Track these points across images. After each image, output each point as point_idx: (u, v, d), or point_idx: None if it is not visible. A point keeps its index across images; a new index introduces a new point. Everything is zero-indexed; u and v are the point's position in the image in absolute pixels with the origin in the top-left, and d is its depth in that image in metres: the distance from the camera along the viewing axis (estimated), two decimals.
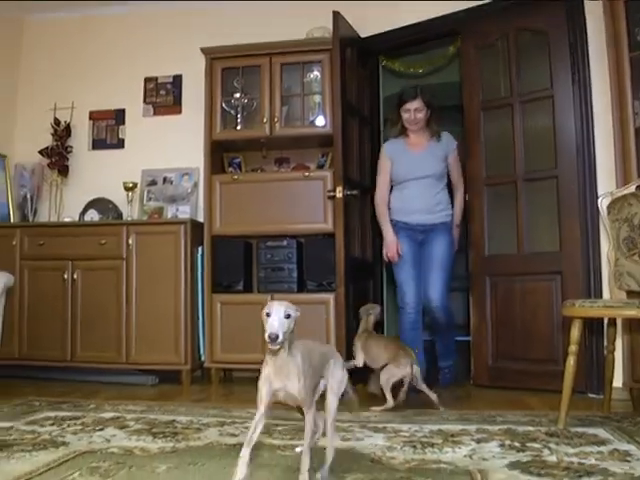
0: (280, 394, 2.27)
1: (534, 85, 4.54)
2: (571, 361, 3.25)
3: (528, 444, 2.85)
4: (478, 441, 2.93)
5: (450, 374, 4.74)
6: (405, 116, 4.52)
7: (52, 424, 3.39)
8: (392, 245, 4.50)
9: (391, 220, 4.58)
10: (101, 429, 3.26)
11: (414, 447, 2.85)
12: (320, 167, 5.19)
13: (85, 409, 3.80)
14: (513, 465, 2.52)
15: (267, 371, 2.27)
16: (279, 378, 2.25)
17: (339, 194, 4.46)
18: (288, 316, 2.13)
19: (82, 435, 3.14)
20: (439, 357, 4.75)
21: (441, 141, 4.61)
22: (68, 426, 3.34)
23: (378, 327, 4.49)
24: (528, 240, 4.53)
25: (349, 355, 4.18)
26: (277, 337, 2.07)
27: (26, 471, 2.51)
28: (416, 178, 4.49)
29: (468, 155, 4.78)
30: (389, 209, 4.61)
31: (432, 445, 2.87)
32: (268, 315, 2.11)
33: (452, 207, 4.65)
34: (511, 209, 4.60)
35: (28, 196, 5.73)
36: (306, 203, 4.88)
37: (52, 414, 3.66)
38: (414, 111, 4.48)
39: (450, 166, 4.64)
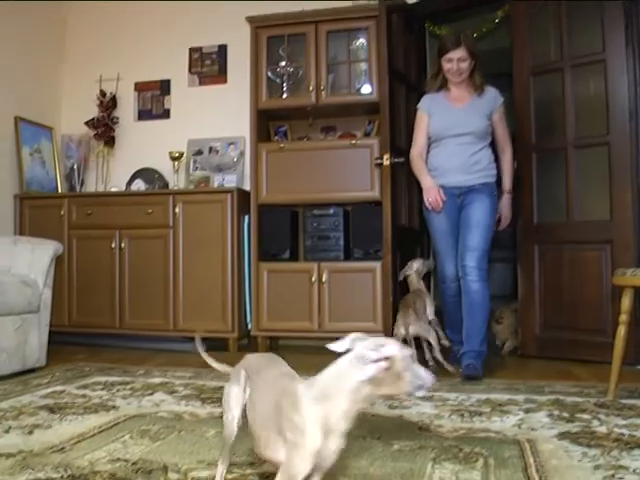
0: None
1: (586, 49, 4.41)
2: (622, 331, 3.19)
3: (577, 415, 2.82)
4: (526, 411, 2.91)
5: (477, 368, 3.84)
6: (447, 66, 4.07)
7: (102, 389, 3.46)
8: (433, 190, 4.01)
9: None
10: (150, 394, 3.31)
11: (462, 416, 2.84)
12: (367, 135, 5.14)
13: (134, 375, 3.87)
14: (562, 435, 2.50)
15: None
16: None
17: (386, 162, 4.42)
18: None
19: (132, 399, 3.19)
20: (465, 340, 4.00)
21: (486, 96, 4.14)
22: (118, 391, 3.41)
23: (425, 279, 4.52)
24: (578, 208, 4.45)
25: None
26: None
27: (78, 433, 2.58)
28: (454, 135, 4.07)
29: (517, 122, 4.69)
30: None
31: (480, 414, 2.86)
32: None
33: (496, 168, 4.21)
34: (561, 176, 4.51)
35: (75, 167, 5.80)
36: (353, 171, 4.85)
37: (102, 379, 3.73)
38: (457, 61, 4.02)
39: (495, 124, 4.17)
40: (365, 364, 1.40)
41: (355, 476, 2.02)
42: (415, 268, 4.33)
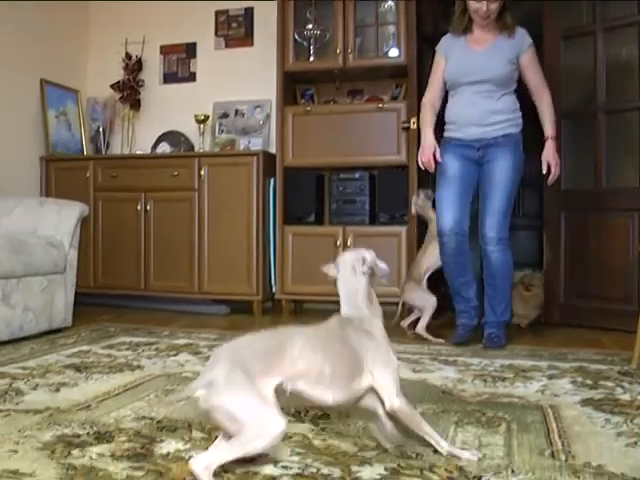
0: None
1: (619, 11, 4.33)
2: None
3: (600, 382, 2.81)
4: (549, 377, 2.91)
5: (499, 337, 3.71)
6: (475, 6, 3.60)
7: (127, 349, 3.50)
8: (428, 149, 3.70)
9: (445, 138, 3.82)
10: (175, 354, 3.35)
11: (485, 381, 2.84)
12: (394, 99, 5.09)
13: (159, 335, 3.91)
14: (585, 402, 2.49)
15: None
16: None
17: (413, 125, 4.39)
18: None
19: (156, 360, 3.23)
20: (487, 309, 3.80)
21: (514, 37, 3.68)
22: (143, 351, 3.45)
23: None
24: (606, 175, 4.39)
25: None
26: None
27: (104, 391, 2.61)
28: (470, 83, 3.66)
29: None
30: (444, 124, 3.85)
31: (503, 379, 2.87)
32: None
33: (521, 116, 3.85)
34: (589, 142, 4.45)
35: (101, 129, 5.81)
36: (379, 135, 4.80)
37: (127, 339, 3.78)
38: (487, 1, 3.58)
39: (525, 69, 3.70)
40: (359, 272, 1.96)
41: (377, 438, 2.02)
42: (420, 200, 4.26)
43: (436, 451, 1.90)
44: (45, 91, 5.53)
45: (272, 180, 5.05)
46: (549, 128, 3.78)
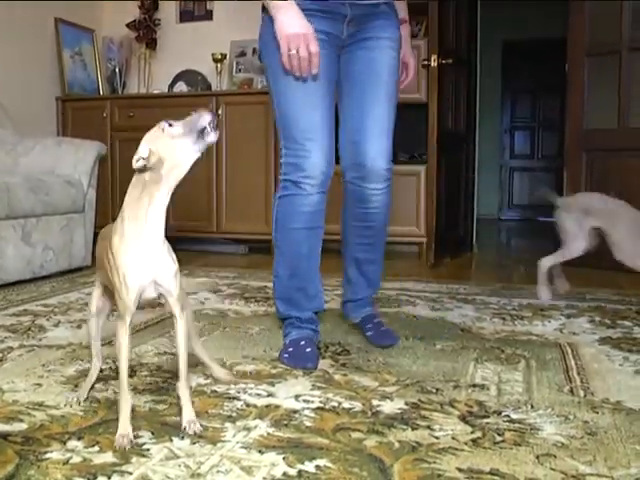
0: None
1: None
2: None
3: (618, 322, 2.81)
4: (568, 316, 2.91)
5: (384, 324, 2.51)
6: None
7: None
8: (306, 34, 2.08)
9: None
10: (194, 292, 3.37)
11: (503, 319, 2.85)
12: (414, 36, 4.98)
13: None
14: (603, 340, 2.49)
15: None
16: None
17: (434, 63, 4.31)
18: None
19: None
20: (355, 284, 2.56)
21: None
22: None
23: None
24: (630, 114, 4.31)
25: None
26: None
27: None
28: None
29: (569, 23, 4.50)
30: None
31: (521, 318, 2.87)
32: None
33: None
34: (613, 80, 4.36)
35: (117, 69, 5.75)
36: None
37: None
38: None
39: None
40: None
41: (398, 373, 2.04)
42: None
43: (456, 386, 1.91)
44: (60, 31, 5.46)
45: None
46: (404, 7, 2.53)
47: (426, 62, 4.39)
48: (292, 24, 2.07)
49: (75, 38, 5.63)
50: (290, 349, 2.20)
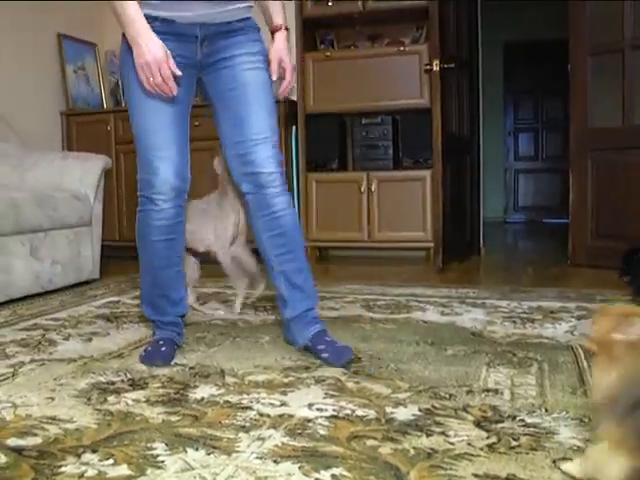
0: None
1: None
2: None
3: None
4: (578, 318, 2.89)
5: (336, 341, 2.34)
6: None
7: None
8: (162, 59, 2.11)
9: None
10: (202, 303, 3.36)
11: (514, 322, 2.83)
12: (415, 42, 5.00)
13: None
14: None
15: None
16: None
17: (436, 67, 4.32)
18: None
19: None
20: (292, 299, 2.43)
21: None
22: None
23: None
24: (634, 112, 4.30)
25: None
26: None
27: (135, 340, 2.65)
28: None
29: (570, 22, 4.50)
30: None
31: (532, 321, 2.85)
32: None
33: None
34: (617, 79, 4.35)
35: (119, 83, 5.77)
36: (401, 79, 4.73)
37: None
38: None
39: None
40: None
41: (410, 379, 2.04)
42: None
43: (470, 391, 1.91)
44: (63, 46, 5.48)
45: (294, 127, 5.01)
46: (281, 14, 2.45)
47: (428, 67, 4.40)
48: (150, 50, 2.11)
49: (78, 53, 5.65)
50: (149, 348, 2.35)
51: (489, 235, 5.71)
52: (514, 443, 1.54)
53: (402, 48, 4.78)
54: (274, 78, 2.40)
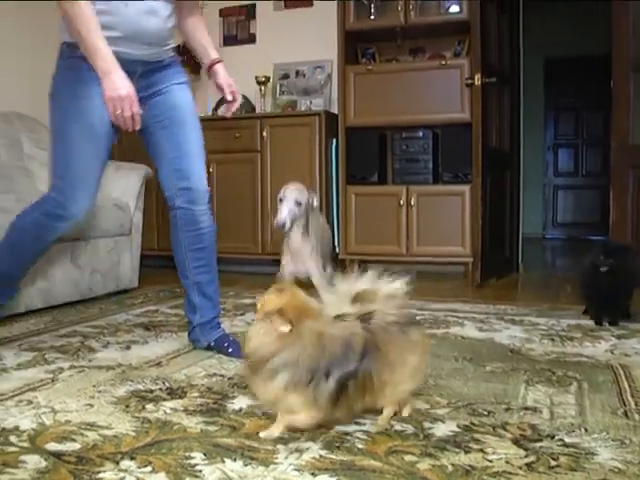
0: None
1: None
2: None
3: None
4: (618, 337, 2.86)
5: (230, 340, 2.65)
6: None
7: None
8: (131, 96, 2.29)
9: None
10: (242, 314, 3.39)
11: (552, 340, 2.81)
12: (456, 55, 4.99)
13: (225, 296, 3.91)
14: None
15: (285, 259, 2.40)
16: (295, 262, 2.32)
17: (477, 82, 4.30)
18: (299, 204, 2.10)
19: (224, 319, 3.25)
20: (202, 307, 2.66)
21: None
22: None
23: None
24: None
25: None
26: (284, 225, 2.20)
27: (174, 349, 2.67)
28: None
29: (614, 39, 4.45)
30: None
31: (571, 339, 2.82)
32: (280, 201, 2.29)
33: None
34: None
35: None
36: (442, 93, 4.72)
37: None
38: None
39: None
40: None
41: (449, 395, 2.02)
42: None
43: (508, 409, 1.89)
44: None
45: (334, 140, 5.02)
46: (214, 50, 2.78)
47: (469, 81, 4.38)
48: (125, 85, 2.28)
49: None
50: None
51: (527, 251, 5.65)
52: (553, 463, 1.52)
53: (443, 62, 4.77)
54: (229, 98, 2.69)
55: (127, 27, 2.36)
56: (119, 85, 2.26)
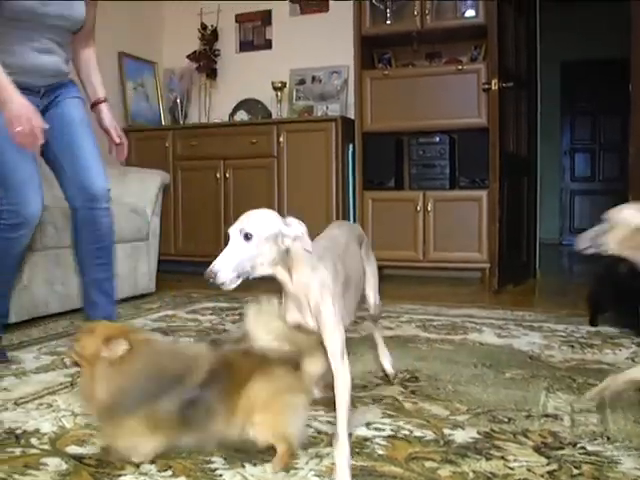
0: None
1: None
2: None
3: None
4: (638, 345, 2.82)
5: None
6: None
7: (211, 314, 3.55)
8: (29, 113, 2.38)
9: None
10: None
11: (572, 347, 2.79)
12: (473, 60, 4.98)
13: (242, 301, 3.93)
14: None
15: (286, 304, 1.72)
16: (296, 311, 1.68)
17: (494, 86, 4.28)
18: (248, 237, 1.51)
19: (242, 324, 3.26)
20: (102, 304, 2.77)
21: None
22: (227, 316, 3.50)
23: None
24: None
25: None
26: (214, 277, 1.49)
27: None
28: (49, 26, 2.58)
29: (632, 39, 4.41)
30: None
31: (591, 346, 2.80)
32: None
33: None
34: None
35: (178, 100, 5.86)
36: (459, 97, 4.71)
37: (210, 305, 3.83)
38: None
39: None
40: None
41: (468, 402, 2.01)
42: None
43: (529, 416, 1.87)
44: (123, 64, 5.61)
45: (351, 145, 5.01)
46: (101, 88, 2.90)
47: (486, 86, 4.37)
48: (18, 104, 2.37)
49: (138, 71, 5.77)
50: None
51: (544, 257, 5.62)
52: (575, 471, 1.51)
53: (460, 67, 4.76)
54: (117, 142, 2.83)
55: (24, 65, 2.54)
56: (16, 107, 2.36)
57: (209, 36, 5.82)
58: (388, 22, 4.96)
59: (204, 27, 5.82)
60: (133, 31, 5.77)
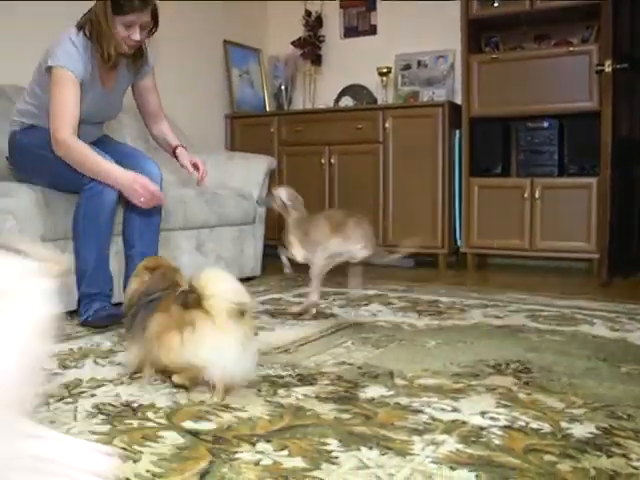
0: None
1: None
2: None
3: None
4: None
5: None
6: (123, 33, 2.84)
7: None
8: (146, 182, 2.80)
9: (31, 127, 3.03)
10: (366, 304, 3.39)
11: None
12: (584, 41, 4.80)
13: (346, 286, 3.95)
14: None
15: None
16: None
17: (608, 68, 4.10)
18: None
19: (348, 309, 3.29)
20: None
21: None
22: (334, 300, 3.52)
23: None
24: None
25: None
26: None
27: (301, 336, 2.70)
28: (92, 123, 3.10)
29: None
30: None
31: None
32: None
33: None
34: None
35: (282, 86, 5.91)
36: (569, 81, 4.55)
37: None
38: (140, 28, 2.85)
39: (145, 92, 3.26)
40: None
41: (584, 395, 1.95)
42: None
43: None
44: (228, 52, 5.69)
45: (457, 131, 4.94)
46: (175, 138, 3.34)
47: (599, 67, 4.20)
48: (125, 179, 2.79)
49: (243, 58, 5.84)
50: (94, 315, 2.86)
51: None
52: None
53: (571, 48, 4.61)
54: (191, 170, 3.25)
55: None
56: (121, 175, 2.80)
57: (313, 22, 5.84)
58: (496, 4, 4.84)
59: (308, 13, 5.84)
60: (237, 19, 5.84)
